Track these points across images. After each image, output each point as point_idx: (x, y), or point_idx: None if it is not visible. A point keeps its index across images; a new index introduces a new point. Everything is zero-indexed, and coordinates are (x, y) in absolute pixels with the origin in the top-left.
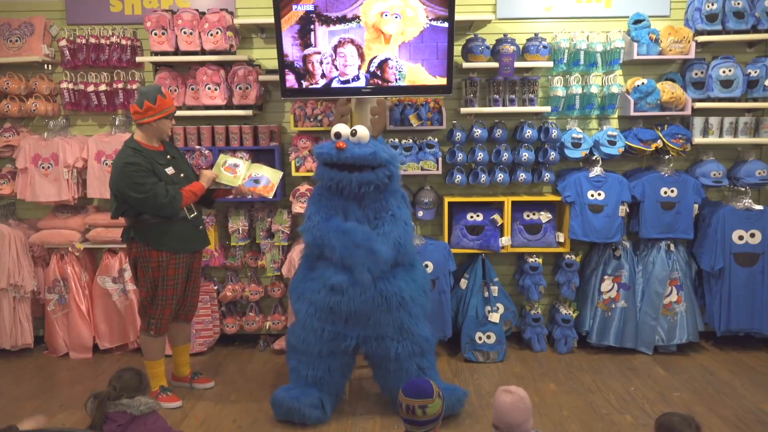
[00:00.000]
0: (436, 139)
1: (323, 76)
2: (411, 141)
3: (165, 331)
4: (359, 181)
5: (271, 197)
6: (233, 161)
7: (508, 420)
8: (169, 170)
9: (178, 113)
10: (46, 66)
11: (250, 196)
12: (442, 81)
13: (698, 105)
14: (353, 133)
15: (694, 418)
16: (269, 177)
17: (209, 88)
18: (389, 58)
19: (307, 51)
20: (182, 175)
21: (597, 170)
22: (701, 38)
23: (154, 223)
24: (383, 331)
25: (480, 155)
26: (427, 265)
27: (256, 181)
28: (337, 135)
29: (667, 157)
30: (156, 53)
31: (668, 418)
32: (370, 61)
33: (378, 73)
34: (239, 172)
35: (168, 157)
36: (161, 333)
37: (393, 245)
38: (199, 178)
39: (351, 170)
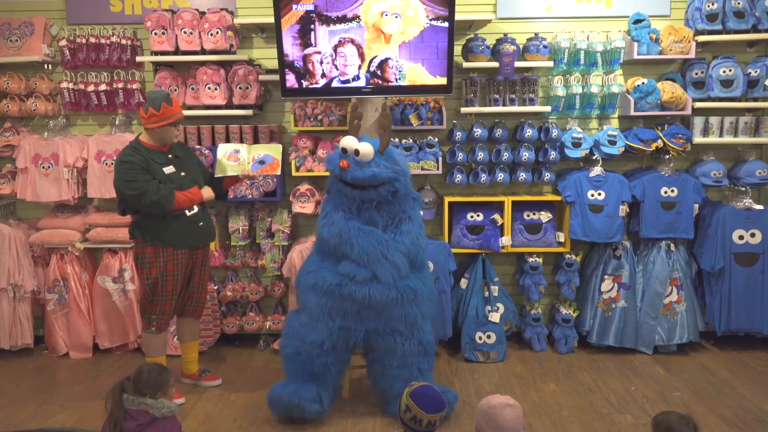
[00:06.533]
0: (436, 139)
1: (323, 75)
2: (411, 141)
3: (166, 327)
4: (361, 198)
5: (279, 173)
6: (233, 147)
7: None
8: (168, 169)
9: None
10: (46, 66)
11: (260, 178)
12: (442, 81)
13: (698, 105)
14: (356, 153)
15: (692, 417)
16: (272, 154)
17: (209, 88)
18: (389, 58)
19: (307, 51)
20: (183, 173)
21: (597, 170)
22: (701, 38)
23: (152, 218)
24: (395, 325)
25: (480, 155)
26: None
27: (261, 162)
28: (343, 151)
29: (667, 156)
30: (156, 53)
31: (666, 417)
32: (370, 61)
33: (378, 72)
34: (242, 156)
35: (170, 156)
36: (162, 329)
37: (411, 244)
38: (203, 185)
39: (354, 188)
